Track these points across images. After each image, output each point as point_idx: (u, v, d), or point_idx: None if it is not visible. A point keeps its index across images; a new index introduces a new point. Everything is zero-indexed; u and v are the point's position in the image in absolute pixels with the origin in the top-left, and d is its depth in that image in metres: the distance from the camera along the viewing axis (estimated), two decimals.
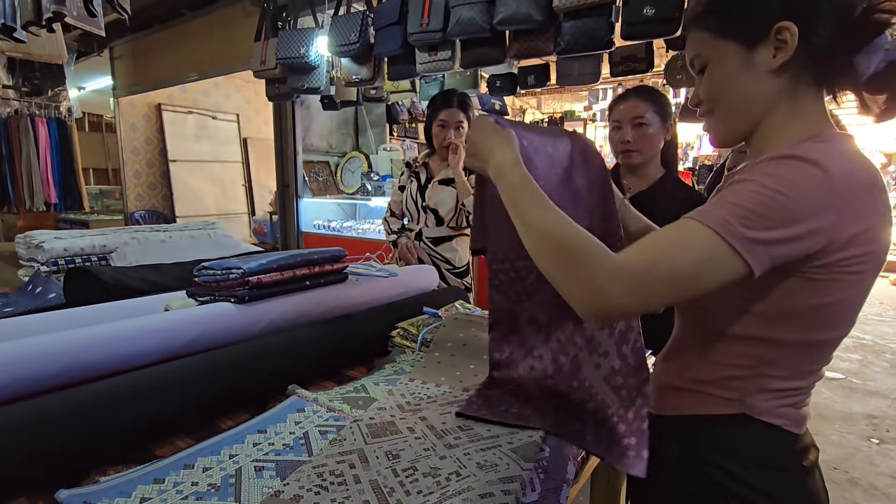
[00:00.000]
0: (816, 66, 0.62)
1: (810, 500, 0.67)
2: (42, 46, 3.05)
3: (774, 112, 0.65)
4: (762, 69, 0.63)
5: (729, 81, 0.67)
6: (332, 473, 0.65)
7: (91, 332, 0.88)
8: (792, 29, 0.60)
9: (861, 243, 0.57)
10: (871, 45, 0.59)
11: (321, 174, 4.28)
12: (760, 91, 0.65)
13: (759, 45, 0.63)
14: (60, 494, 0.57)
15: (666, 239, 0.58)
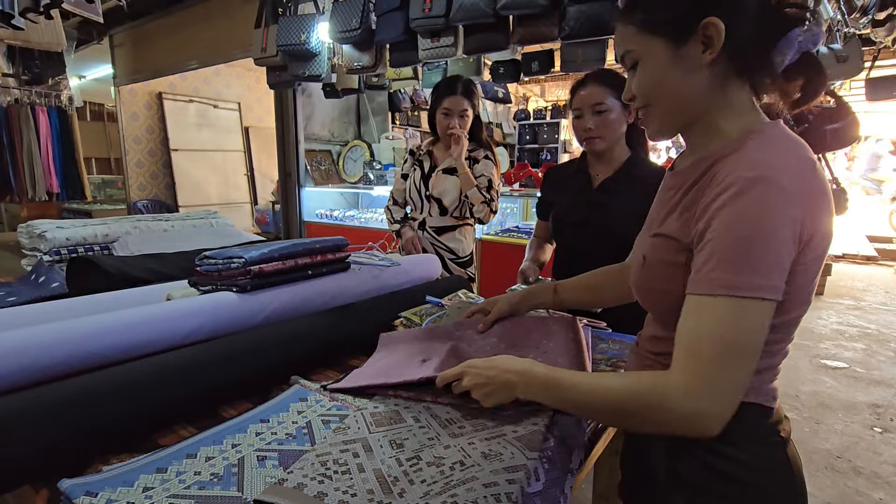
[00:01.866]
0: (740, 60, 0.64)
1: (789, 467, 0.69)
2: (41, 34, 3.02)
3: (708, 107, 0.67)
4: (692, 65, 0.64)
5: (659, 77, 0.67)
6: (335, 462, 0.64)
7: (93, 321, 0.88)
8: (718, 25, 0.61)
9: (817, 222, 0.59)
10: (787, 38, 0.61)
11: (323, 163, 4.26)
12: (692, 87, 0.66)
13: (687, 41, 0.64)
14: (63, 483, 0.57)
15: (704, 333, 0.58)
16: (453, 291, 1.39)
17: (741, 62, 0.64)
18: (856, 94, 4.14)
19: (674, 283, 0.67)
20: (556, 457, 0.69)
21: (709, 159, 0.66)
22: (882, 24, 2.17)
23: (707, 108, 0.67)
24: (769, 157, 0.59)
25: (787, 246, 0.57)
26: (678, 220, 0.68)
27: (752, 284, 0.56)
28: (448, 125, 1.85)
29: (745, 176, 0.58)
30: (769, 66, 0.64)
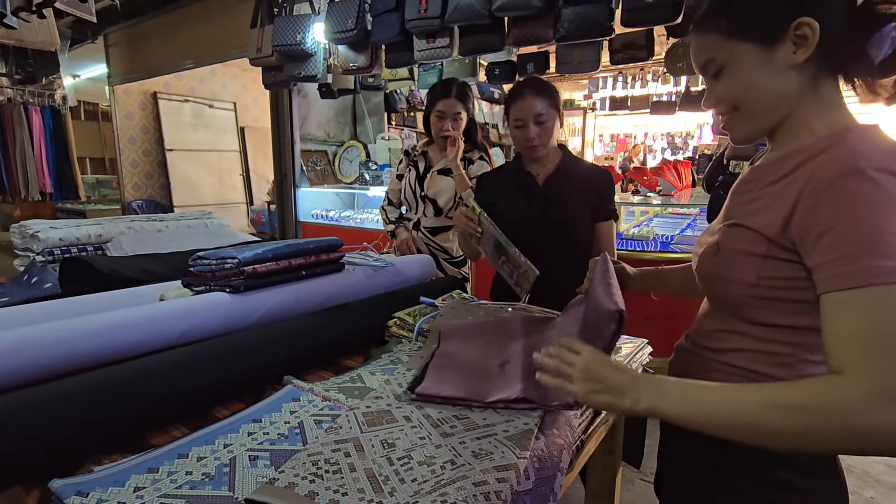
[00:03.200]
0: (833, 57, 0.63)
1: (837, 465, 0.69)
2: (34, 33, 3.00)
3: (799, 106, 0.66)
4: (783, 66, 0.64)
5: (750, 82, 0.67)
6: (327, 462, 0.65)
7: (86, 321, 0.88)
8: (813, 24, 0.61)
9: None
10: (880, 33, 0.60)
11: (319, 163, 4.25)
12: (784, 88, 0.65)
13: (779, 44, 0.63)
14: (54, 484, 0.57)
15: (875, 328, 0.51)
16: (447, 292, 1.39)
17: (833, 60, 0.64)
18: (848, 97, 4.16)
19: (747, 273, 0.67)
20: (546, 456, 0.70)
21: (800, 155, 0.64)
22: None
23: (797, 106, 0.66)
24: (876, 149, 0.58)
25: None
26: (759, 211, 0.67)
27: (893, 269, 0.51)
28: (441, 127, 1.85)
29: (859, 165, 0.56)
30: (863, 62, 0.63)
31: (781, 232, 0.63)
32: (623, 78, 5.79)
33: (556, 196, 1.42)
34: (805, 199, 0.60)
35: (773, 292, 0.66)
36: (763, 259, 0.65)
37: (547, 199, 1.43)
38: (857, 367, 0.51)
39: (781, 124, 0.69)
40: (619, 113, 6.35)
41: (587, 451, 0.89)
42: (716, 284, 0.74)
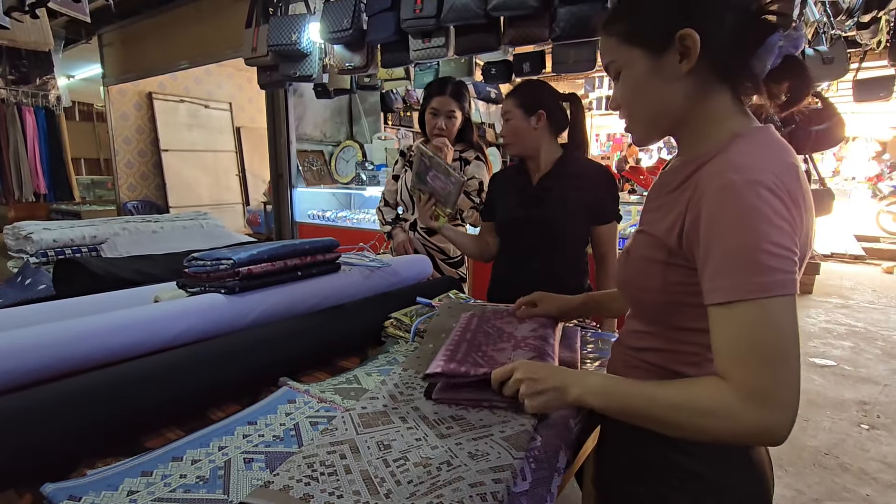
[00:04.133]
0: (720, 67, 0.65)
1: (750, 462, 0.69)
2: (27, 33, 2.98)
3: (691, 115, 0.68)
4: (671, 75, 0.66)
5: (641, 87, 0.69)
6: (322, 464, 0.64)
7: (81, 323, 0.87)
8: (693, 36, 0.63)
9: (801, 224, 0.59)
10: (766, 44, 0.62)
11: (315, 163, 4.24)
12: (672, 96, 0.67)
13: (665, 52, 0.65)
14: (46, 488, 0.57)
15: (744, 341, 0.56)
16: (444, 292, 1.39)
17: (721, 69, 0.65)
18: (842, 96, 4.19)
19: (651, 279, 0.69)
20: (543, 456, 0.70)
21: (695, 162, 0.66)
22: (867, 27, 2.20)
23: (690, 114, 0.68)
24: (753, 160, 0.59)
25: (785, 238, 0.56)
26: (661, 219, 0.69)
27: (772, 283, 0.55)
28: (435, 125, 1.85)
29: (732, 178, 0.58)
30: (750, 72, 0.65)
31: (677, 240, 0.65)
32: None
33: (547, 195, 1.43)
34: (690, 210, 0.62)
35: (679, 297, 0.67)
36: (665, 265, 0.67)
37: (537, 199, 1.44)
38: (728, 374, 0.57)
39: (681, 130, 0.71)
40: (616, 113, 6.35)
41: (584, 452, 0.89)
42: (628, 289, 0.77)
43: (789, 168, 0.60)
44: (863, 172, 10.79)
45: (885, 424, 2.47)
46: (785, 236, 0.56)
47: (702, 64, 0.64)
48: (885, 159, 10.45)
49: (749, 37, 0.63)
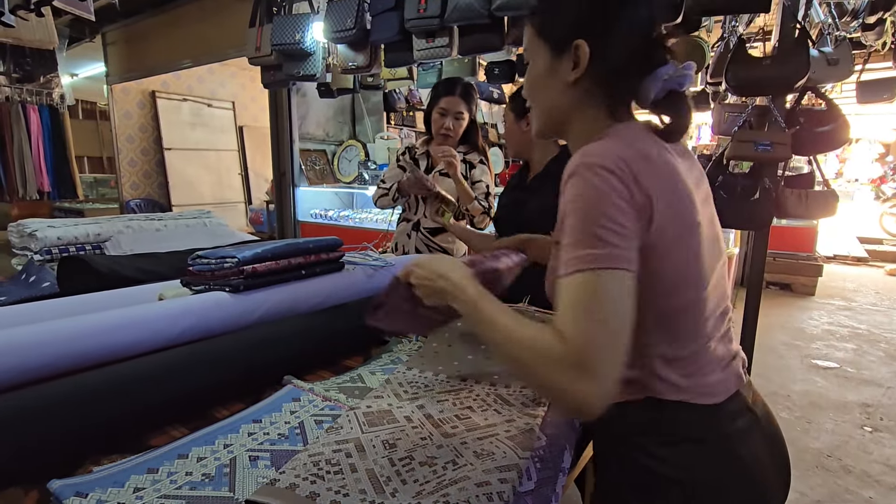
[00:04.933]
0: (603, 85, 0.69)
1: (731, 465, 0.68)
2: (32, 31, 2.99)
3: (574, 119, 0.72)
4: (562, 78, 0.70)
5: (539, 81, 0.74)
6: (328, 462, 0.64)
7: (85, 321, 0.87)
8: (584, 48, 0.66)
9: (660, 211, 0.61)
10: (655, 74, 0.66)
11: (318, 163, 4.24)
12: (561, 97, 0.71)
13: (562, 56, 0.69)
14: (52, 484, 0.57)
15: (570, 309, 0.57)
16: None
17: (604, 88, 0.69)
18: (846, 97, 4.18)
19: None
20: (548, 456, 0.70)
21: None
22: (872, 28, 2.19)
23: (573, 118, 0.72)
24: (601, 148, 0.62)
25: (624, 217, 0.58)
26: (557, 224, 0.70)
27: (602, 256, 0.56)
28: (442, 125, 1.85)
29: (572, 164, 0.62)
30: (629, 97, 0.69)
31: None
32: None
33: (536, 193, 1.45)
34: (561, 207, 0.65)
35: None
36: None
37: (519, 200, 1.48)
38: (559, 332, 0.56)
39: (566, 134, 0.74)
40: None
41: (587, 452, 0.89)
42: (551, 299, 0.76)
43: (641, 152, 0.62)
44: (866, 174, 10.76)
45: (888, 427, 2.47)
46: (623, 215, 0.58)
47: (590, 75, 0.68)
48: (889, 161, 10.42)
49: (637, 64, 0.67)
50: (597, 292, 0.56)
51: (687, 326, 0.67)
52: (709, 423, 0.68)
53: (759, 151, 1.84)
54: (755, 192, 1.89)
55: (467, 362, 0.98)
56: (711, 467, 0.68)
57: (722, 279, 0.72)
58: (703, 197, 0.69)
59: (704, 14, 1.89)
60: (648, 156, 0.63)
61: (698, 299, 0.67)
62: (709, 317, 0.69)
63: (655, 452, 0.69)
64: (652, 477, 0.69)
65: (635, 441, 0.71)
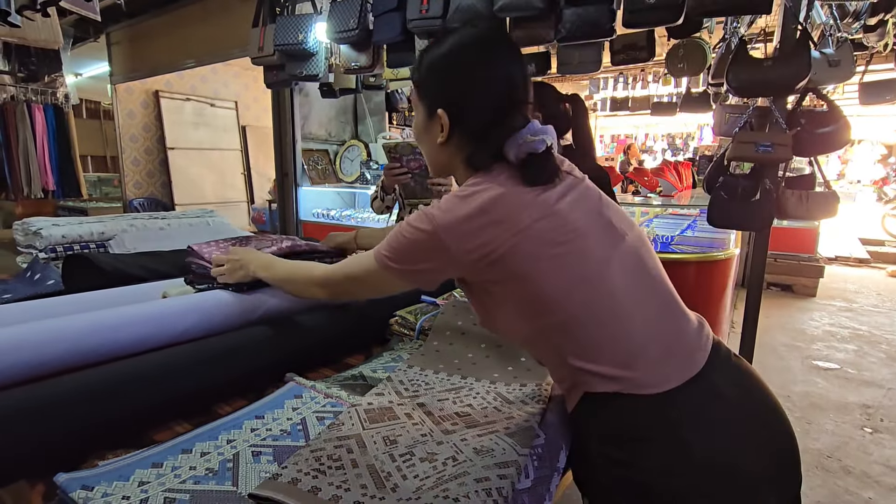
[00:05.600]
0: (469, 146, 0.77)
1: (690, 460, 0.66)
2: (37, 31, 3.01)
3: (456, 172, 0.82)
4: (434, 138, 0.80)
5: (419, 134, 0.84)
6: (329, 458, 0.65)
7: (89, 318, 0.88)
8: (444, 117, 0.77)
9: (504, 250, 0.69)
10: (513, 138, 0.73)
11: (320, 162, 4.26)
12: (434, 153, 0.83)
13: (433, 119, 0.79)
14: (59, 478, 0.58)
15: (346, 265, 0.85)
16: (448, 291, 1.39)
17: (467, 149, 0.78)
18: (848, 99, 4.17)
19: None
20: (545, 454, 0.71)
21: None
22: (873, 30, 2.19)
23: (454, 169, 0.82)
24: (442, 211, 0.71)
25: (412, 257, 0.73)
26: None
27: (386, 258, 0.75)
28: None
29: (427, 211, 0.73)
30: (493, 157, 0.75)
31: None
32: (624, 79, 5.79)
33: None
34: None
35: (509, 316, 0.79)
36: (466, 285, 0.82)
37: None
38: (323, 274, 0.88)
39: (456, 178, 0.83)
40: (620, 114, 6.35)
41: None
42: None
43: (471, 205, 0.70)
44: (868, 175, 10.74)
45: (889, 428, 2.47)
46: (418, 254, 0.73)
47: (455, 138, 0.78)
48: (891, 163, 10.39)
49: (495, 130, 0.75)
50: (367, 271, 0.79)
51: (592, 321, 0.70)
52: (651, 410, 0.67)
53: (760, 152, 1.84)
54: (756, 193, 1.89)
55: (468, 361, 0.99)
56: (664, 465, 0.66)
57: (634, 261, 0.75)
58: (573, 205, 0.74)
59: (706, 15, 1.90)
60: (485, 209, 0.70)
61: (594, 291, 0.70)
62: (619, 304, 0.70)
63: (610, 454, 0.69)
64: (614, 480, 0.69)
65: (593, 445, 0.72)
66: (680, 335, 0.73)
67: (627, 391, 0.67)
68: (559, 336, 0.72)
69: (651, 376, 0.68)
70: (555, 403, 0.83)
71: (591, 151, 1.53)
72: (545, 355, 0.78)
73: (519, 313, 0.73)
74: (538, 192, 0.73)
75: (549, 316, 0.71)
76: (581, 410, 0.73)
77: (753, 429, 0.70)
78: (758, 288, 2.04)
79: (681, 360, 0.70)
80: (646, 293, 0.74)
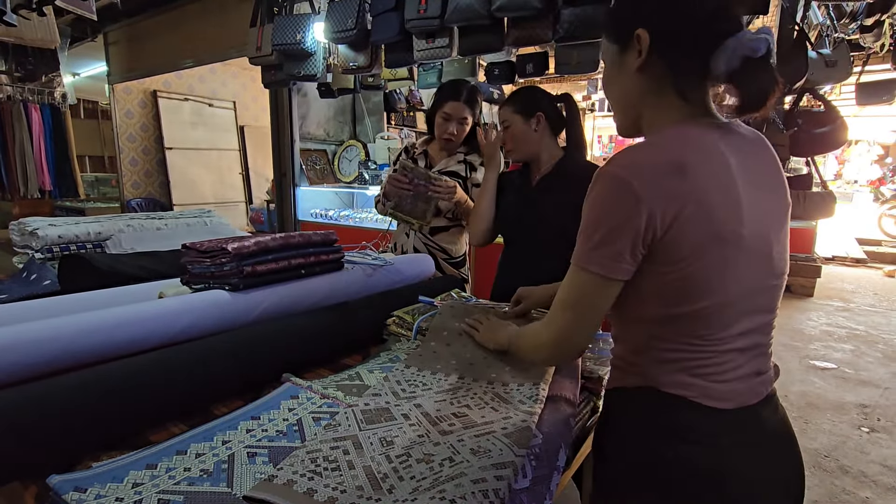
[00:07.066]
0: (672, 67, 0.70)
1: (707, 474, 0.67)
2: (34, 31, 3.00)
3: (645, 109, 0.75)
4: (629, 69, 0.73)
5: (610, 78, 0.79)
6: (325, 459, 0.65)
7: (85, 318, 0.88)
8: (644, 36, 0.70)
9: (683, 223, 0.63)
10: (723, 48, 0.65)
11: (318, 162, 4.25)
12: (630, 88, 0.75)
13: (627, 49, 0.73)
14: (52, 479, 0.58)
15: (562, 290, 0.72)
16: (446, 291, 1.39)
17: (673, 69, 0.70)
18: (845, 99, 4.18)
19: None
20: (543, 454, 0.70)
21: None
22: (870, 30, 2.20)
23: (645, 109, 0.75)
24: (627, 157, 0.65)
25: (625, 234, 0.63)
26: None
27: (591, 259, 0.66)
28: (446, 129, 1.84)
29: (603, 167, 0.67)
30: (698, 76, 0.69)
31: None
32: None
33: (542, 197, 1.45)
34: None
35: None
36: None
37: (532, 200, 1.47)
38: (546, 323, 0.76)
39: (643, 125, 0.76)
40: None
41: (583, 451, 0.90)
42: None
43: (676, 167, 0.63)
44: (865, 176, 10.76)
45: (886, 427, 2.47)
46: (621, 232, 0.63)
47: (655, 62, 0.70)
48: (888, 163, 10.42)
49: (701, 41, 0.67)
50: (583, 289, 0.69)
51: (698, 332, 0.67)
52: (710, 426, 0.68)
53: None
54: None
55: (465, 361, 0.98)
56: (705, 471, 0.67)
57: (760, 294, 0.70)
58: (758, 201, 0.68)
59: None
60: (682, 167, 0.63)
61: (714, 309, 0.66)
62: (729, 327, 0.67)
63: (655, 447, 0.69)
64: (649, 473, 0.69)
65: (635, 434, 0.71)
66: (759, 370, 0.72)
67: (694, 399, 0.68)
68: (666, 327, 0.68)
69: (722, 395, 0.68)
70: (552, 403, 0.83)
71: (584, 150, 1.55)
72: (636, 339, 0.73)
73: (657, 298, 0.67)
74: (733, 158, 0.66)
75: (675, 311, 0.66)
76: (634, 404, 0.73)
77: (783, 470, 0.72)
78: None
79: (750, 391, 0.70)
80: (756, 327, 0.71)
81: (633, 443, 0.72)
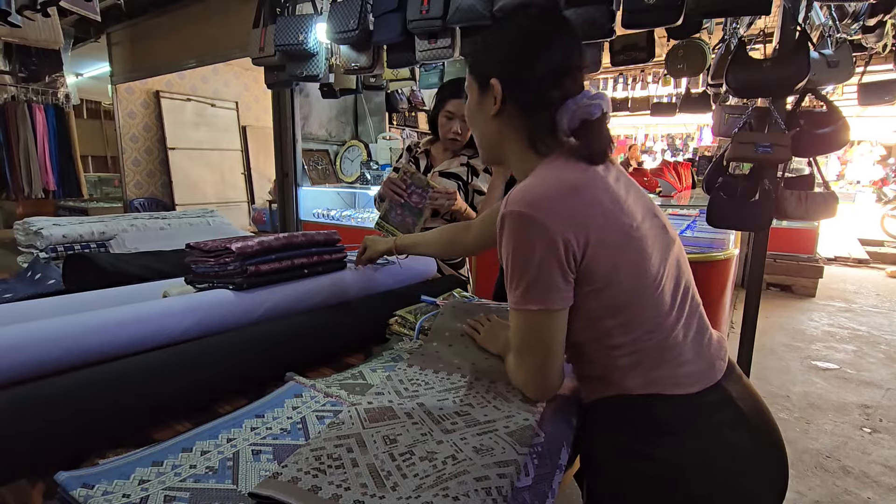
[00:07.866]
0: (522, 117, 0.77)
1: (714, 458, 0.69)
2: (38, 31, 3.01)
3: (506, 150, 0.81)
4: (488, 113, 0.79)
5: (471, 115, 0.84)
6: (329, 457, 0.66)
7: (90, 317, 0.88)
8: (497, 86, 0.76)
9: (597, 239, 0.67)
10: (564, 106, 0.72)
11: (320, 163, 4.26)
12: (488, 130, 0.82)
13: (486, 92, 0.78)
14: (59, 476, 0.58)
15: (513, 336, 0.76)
16: (448, 291, 1.40)
17: (520, 120, 0.77)
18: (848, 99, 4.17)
19: None
20: (545, 452, 0.71)
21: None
22: (872, 31, 2.20)
23: (506, 150, 0.81)
24: (523, 192, 0.69)
25: (548, 264, 0.66)
26: None
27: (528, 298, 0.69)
28: (451, 128, 1.84)
29: (503, 212, 0.69)
30: (546, 129, 0.75)
31: None
32: (623, 79, 5.80)
33: None
34: None
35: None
36: None
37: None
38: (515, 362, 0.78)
39: (507, 164, 0.82)
40: (620, 114, 6.35)
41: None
42: None
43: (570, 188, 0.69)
44: (867, 176, 10.74)
45: (888, 428, 2.47)
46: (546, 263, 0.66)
47: (507, 110, 0.77)
48: (891, 163, 10.40)
49: (546, 99, 0.73)
50: (533, 329, 0.71)
51: (644, 326, 0.70)
52: (685, 414, 0.70)
53: (760, 153, 1.85)
54: (755, 194, 1.90)
55: (467, 361, 0.99)
56: (692, 460, 0.69)
57: (676, 268, 0.75)
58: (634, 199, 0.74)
59: (705, 16, 1.90)
60: (575, 186, 0.69)
61: (652, 296, 0.70)
62: (667, 310, 0.71)
63: (639, 450, 0.71)
64: (639, 475, 0.71)
65: (618, 441, 0.73)
66: (707, 341, 0.76)
67: (663, 392, 0.70)
68: (618, 333, 0.71)
69: (684, 379, 0.71)
70: (555, 401, 0.84)
71: None
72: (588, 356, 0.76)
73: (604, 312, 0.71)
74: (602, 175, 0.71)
75: (618, 317, 0.70)
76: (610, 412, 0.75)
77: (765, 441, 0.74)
78: (757, 288, 2.04)
79: (709, 366, 0.74)
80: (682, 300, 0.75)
81: (618, 450, 0.74)
